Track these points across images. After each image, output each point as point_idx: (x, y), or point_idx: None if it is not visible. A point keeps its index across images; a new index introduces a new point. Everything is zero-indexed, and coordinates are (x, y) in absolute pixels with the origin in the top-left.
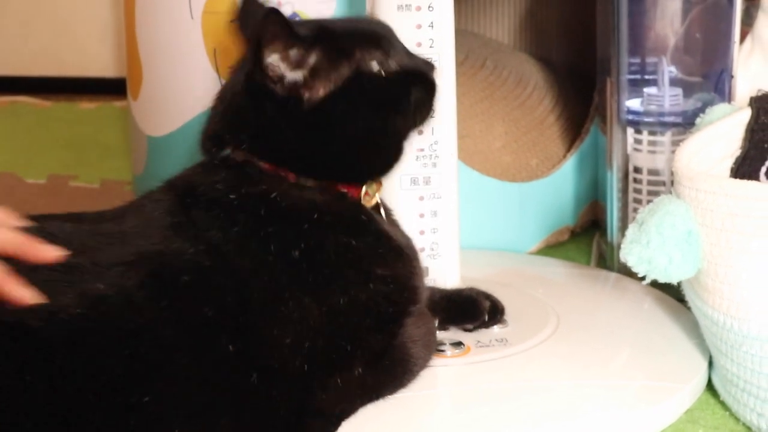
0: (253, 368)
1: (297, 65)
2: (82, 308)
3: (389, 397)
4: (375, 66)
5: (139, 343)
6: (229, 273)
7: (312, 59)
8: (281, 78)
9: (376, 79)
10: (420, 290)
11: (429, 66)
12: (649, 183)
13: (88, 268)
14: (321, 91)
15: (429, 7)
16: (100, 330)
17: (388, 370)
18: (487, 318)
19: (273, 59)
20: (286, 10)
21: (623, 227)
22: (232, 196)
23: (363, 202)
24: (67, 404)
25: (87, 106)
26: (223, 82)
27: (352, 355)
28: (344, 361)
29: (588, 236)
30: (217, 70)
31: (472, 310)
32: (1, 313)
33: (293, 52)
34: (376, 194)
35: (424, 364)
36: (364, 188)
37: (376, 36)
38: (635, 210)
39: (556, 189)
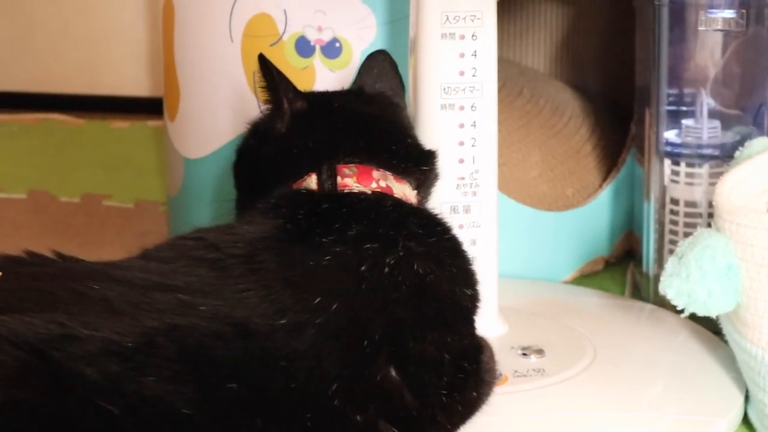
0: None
1: None
2: None
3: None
4: None
5: None
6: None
7: None
8: None
9: None
10: None
11: None
12: (686, 215)
13: None
14: None
15: (473, 36)
16: None
17: (484, 385)
18: None
19: None
20: (327, 36)
21: (659, 259)
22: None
23: None
24: None
25: (120, 125)
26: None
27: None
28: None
29: (622, 266)
30: (256, 94)
31: None
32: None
33: None
34: None
35: (495, 378)
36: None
37: None
38: (671, 241)
39: (592, 219)
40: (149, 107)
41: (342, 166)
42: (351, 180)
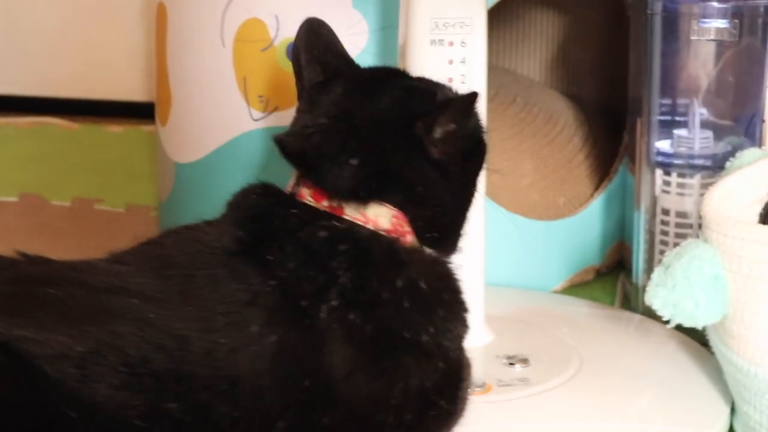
0: None
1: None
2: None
3: None
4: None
5: None
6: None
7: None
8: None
9: None
10: None
11: None
12: (677, 225)
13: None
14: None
15: (462, 42)
16: None
17: (454, 416)
18: None
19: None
20: None
21: (649, 269)
22: (384, 295)
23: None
24: None
25: (115, 129)
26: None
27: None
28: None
29: (613, 276)
30: (247, 99)
31: None
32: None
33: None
34: None
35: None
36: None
37: None
38: (662, 252)
39: (583, 228)
40: (144, 112)
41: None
42: (307, 191)
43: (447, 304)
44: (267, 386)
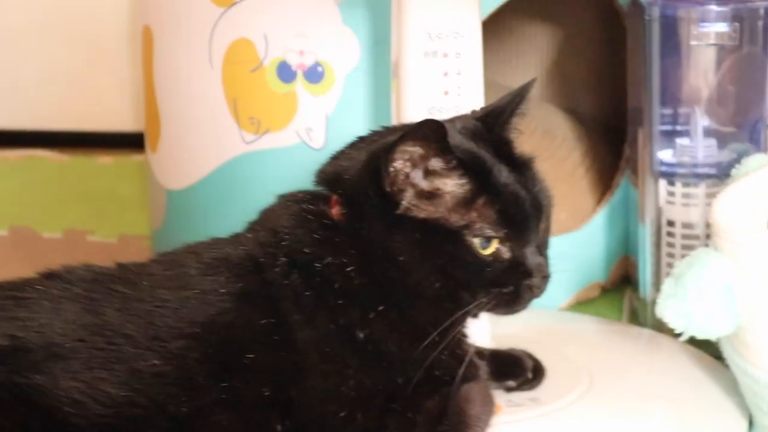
0: None
1: (426, 174)
2: (129, 390)
3: None
4: (478, 242)
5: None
6: (292, 347)
7: (446, 184)
8: (398, 173)
9: (472, 253)
10: (477, 367)
11: (540, 276)
12: (683, 237)
13: (142, 340)
14: (422, 213)
15: (456, 54)
16: (147, 417)
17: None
18: (530, 376)
19: (403, 156)
20: (309, 60)
21: (656, 282)
22: (316, 265)
23: None
24: None
25: (105, 160)
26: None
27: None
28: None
29: (619, 292)
30: (238, 121)
31: (515, 367)
32: (28, 396)
33: (434, 162)
34: None
35: (484, 426)
36: None
37: (524, 211)
38: (669, 265)
39: (587, 243)
40: (134, 142)
41: None
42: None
43: (388, 316)
44: (232, 323)
